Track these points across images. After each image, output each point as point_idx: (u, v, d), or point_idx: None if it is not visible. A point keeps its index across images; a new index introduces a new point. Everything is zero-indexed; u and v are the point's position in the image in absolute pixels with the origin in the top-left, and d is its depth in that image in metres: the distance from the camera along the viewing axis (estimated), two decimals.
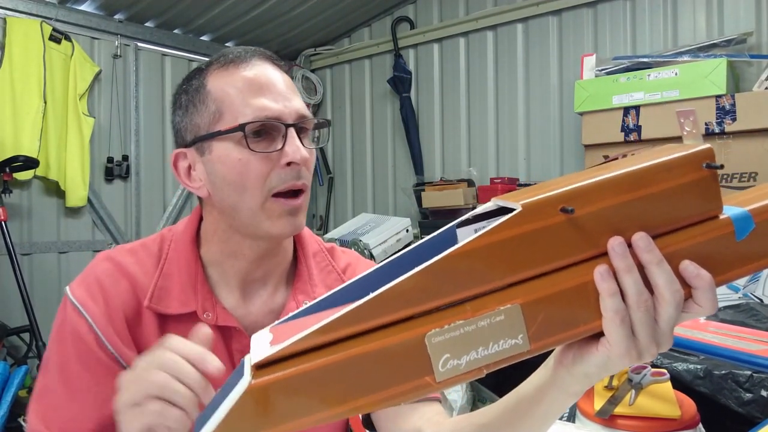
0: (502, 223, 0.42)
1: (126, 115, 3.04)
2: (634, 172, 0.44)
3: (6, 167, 2.46)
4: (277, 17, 3.24)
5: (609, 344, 0.45)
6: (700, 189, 0.45)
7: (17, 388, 2.22)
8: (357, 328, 0.41)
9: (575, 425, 1.04)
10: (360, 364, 0.41)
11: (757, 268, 0.47)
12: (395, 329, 0.42)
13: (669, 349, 0.46)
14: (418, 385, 0.42)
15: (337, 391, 0.41)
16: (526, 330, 0.43)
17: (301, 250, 0.84)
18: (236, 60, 0.73)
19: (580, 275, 0.44)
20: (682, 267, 0.44)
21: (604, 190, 0.44)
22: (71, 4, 2.83)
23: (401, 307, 0.42)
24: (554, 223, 0.43)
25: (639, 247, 0.44)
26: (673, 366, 1.37)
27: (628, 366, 0.47)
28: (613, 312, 0.43)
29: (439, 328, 0.41)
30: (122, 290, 0.73)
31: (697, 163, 0.45)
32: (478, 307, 0.42)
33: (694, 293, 0.45)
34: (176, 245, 0.77)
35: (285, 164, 0.70)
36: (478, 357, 0.42)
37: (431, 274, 0.42)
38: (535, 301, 0.43)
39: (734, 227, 0.46)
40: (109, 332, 0.70)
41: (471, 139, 3.14)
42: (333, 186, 3.76)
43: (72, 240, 2.88)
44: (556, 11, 2.80)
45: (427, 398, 0.82)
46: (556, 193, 0.43)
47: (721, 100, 2.01)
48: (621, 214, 0.44)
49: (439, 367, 0.41)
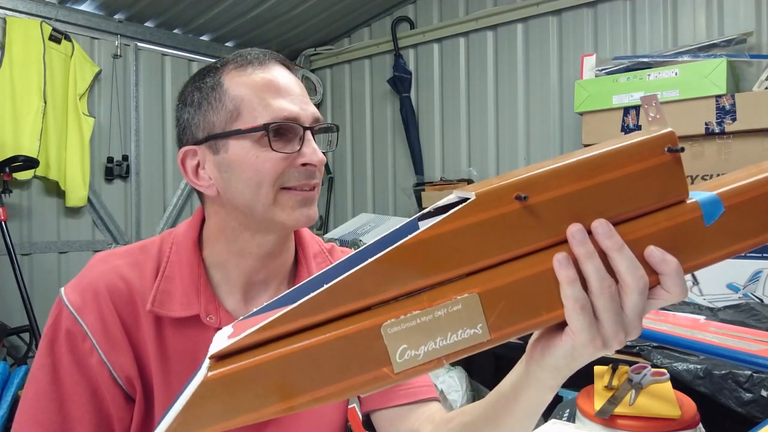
0: (456, 212, 0.42)
1: (126, 115, 3.04)
2: (592, 158, 0.44)
3: (6, 167, 2.46)
4: (277, 17, 3.24)
5: (572, 333, 0.44)
6: (663, 173, 0.44)
7: (17, 388, 2.22)
8: (313, 319, 0.41)
9: (575, 425, 1.04)
10: (316, 354, 0.40)
11: (729, 254, 0.45)
12: (351, 320, 0.41)
13: (637, 337, 0.45)
14: (376, 377, 0.41)
15: (294, 382, 0.40)
16: (486, 319, 0.42)
17: (302, 252, 0.84)
18: (254, 62, 0.74)
19: (540, 263, 0.43)
20: (647, 253, 0.43)
21: (562, 177, 0.43)
22: (71, 4, 2.83)
23: (357, 297, 0.41)
24: (509, 211, 0.42)
25: (599, 234, 0.43)
26: (673, 366, 1.37)
27: (596, 356, 0.46)
28: (573, 300, 0.43)
29: (395, 318, 0.41)
30: (118, 294, 0.72)
31: (659, 147, 0.44)
32: (435, 297, 0.42)
33: (661, 279, 0.44)
34: (178, 248, 0.77)
35: (300, 165, 0.72)
36: (436, 347, 0.41)
37: (387, 263, 0.41)
38: (493, 290, 0.42)
39: (702, 212, 0.44)
40: (102, 340, 0.70)
41: (471, 139, 3.14)
42: (333, 186, 3.76)
43: (72, 240, 2.88)
44: (556, 11, 2.80)
45: (425, 398, 0.82)
46: (511, 182, 0.43)
47: (721, 100, 2.01)
48: (580, 201, 0.43)
49: (396, 358, 0.41)
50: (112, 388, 0.71)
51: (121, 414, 0.72)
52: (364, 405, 0.85)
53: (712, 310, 1.79)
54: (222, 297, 0.77)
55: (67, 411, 0.69)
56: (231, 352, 0.40)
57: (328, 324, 0.41)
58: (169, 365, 0.72)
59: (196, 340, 0.73)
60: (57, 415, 0.69)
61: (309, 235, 0.88)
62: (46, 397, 0.69)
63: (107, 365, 0.70)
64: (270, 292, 0.80)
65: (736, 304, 1.79)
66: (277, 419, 0.78)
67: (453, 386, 2.09)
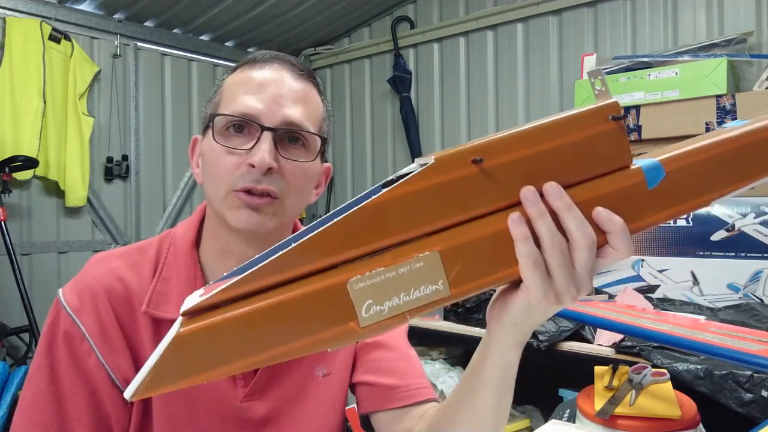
0: (417, 174, 0.45)
1: (126, 114, 3.03)
2: (544, 125, 0.47)
3: (5, 167, 2.46)
4: (277, 17, 3.24)
5: (527, 288, 0.47)
6: (608, 140, 0.47)
7: (17, 388, 2.21)
8: (282, 276, 0.43)
9: (575, 425, 1.03)
10: (284, 310, 0.42)
11: (671, 216, 0.49)
12: (319, 277, 0.43)
13: (588, 293, 0.48)
14: (343, 331, 0.43)
15: (264, 337, 0.42)
16: (446, 276, 0.44)
17: None
18: (253, 60, 0.75)
19: (496, 223, 0.46)
20: (594, 213, 0.46)
21: (516, 142, 0.46)
22: (71, 3, 2.83)
23: (324, 255, 0.43)
24: (466, 174, 0.45)
25: (549, 195, 0.46)
26: (674, 366, 1.37)
27: (550, 311, 0.49)
28: (527, 256, 0.45)
29: (361, 275, 0.43)
30: (116, 296, 0.72)
31: (603, 115, 0.47)
32: (398, 255, 0.44)
33: (609, 238, 0.47)
34: (175, 248, 0.77)
35: (249, 165, 0.69)
36: (400, 303, 0.44)
37: (351, 223, 0.44)
38: (452, 247, 0.45)
39: (645, 176, 0.48)
40: (100, 342, 0.70)
41: (471, 139, 3.13)
42: (333, 186, 3.76)
43: (72, 240, 2.88)
44: (556, 11, 2.80)
45: (422, 400, 0.82)
46: (468, 146, 0.46)
47: (722, 99, 2.01)
48: (532, 165, 0.46)
49: (362, 313, 0.43)
50: (110, 390, 0.71)
51: (120, 415, 0.72)
52: (361, 407, 0.85)
53: (712, 310, 1.79)
54: None
55: (66, 412, 0.69)
56: (202, 308, 0.42)
57: (297, 281, 0.43)
58: None
59: None
60: (56, 416, 0.69)
61: None
62: (45, 398, 0.69)
63: (105, 366, 0.70)
64: None
65: (736, 304, 1.79)
66: (275, 419, 0.78)
67: (453, 386, 2.09)
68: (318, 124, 0.75)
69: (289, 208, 0.73)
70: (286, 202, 0.72)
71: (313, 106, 0.75)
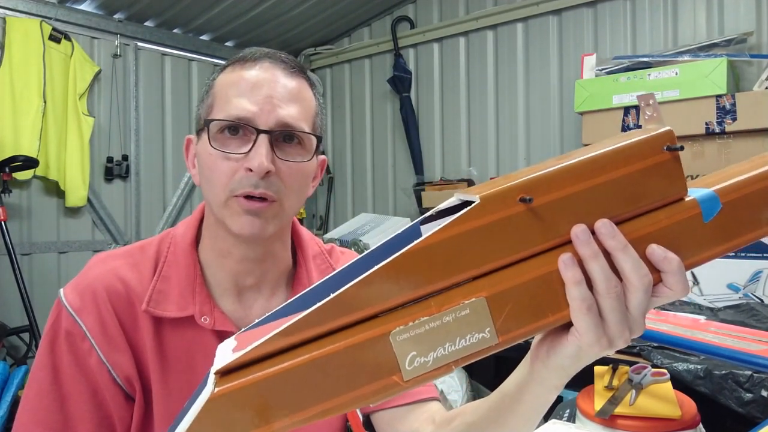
0: (461, 216, 0.42)
1: (126, 114, 3.03)
2: (593, 159, 0.44)
3: (6, 167, 2.46)
4: (277, 17, 3.24)
5: (578, 333, 0.44)
6: (663, 172, 0.45)
7: (17, 388, 2.21)
8: (320, 329, 0.40)
9: (575, 425, 1.03)
10: (325, 365, 0.40)
11: (727, 250, 0.46)
12: (359, 328, 0.41)
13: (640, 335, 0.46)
14: (386, 385, 0.41)
15: (304, 395, 0.39)
16: (493, 323, 0.42)
17: (301, 254, 0.84)
18: (244, 59, 0.74)
19: (545, 265, 0.43)
20: (649, 251, 0.44)
21: (564, 178, 0.43)
22: (71, 3, 2.83)
23: (364, 305, 0.41)
24: (514, 213, 0.42)
25: (602, 234, 0.43)
26: (674, 366, 1.37)
27: (601, 355, 0.46)
28: (580, 300, 0.43)
29: (404, 325, 0.41)
30: (117, 295, 0.72)
31: (658, 146, 0.45)
32: (443, 302, 0.41)
33: (663, 277, 0.44)
34: (175, 248, 0.77)
35: (247, 169, 0.69)
36: (445, 353, 0.41)
37: (392, 270, 0.41)
38: (500, 293, 0.42)
39: (701, 209, 0.45)
40: (102, 341, 0.70)
41: (471, 139, 3.14)
42: (333, 186, 3.76)
43: (72, 240, 2.88)
44: (556, 11, 2.80)
45: (424, 398, 0.82)
46: (515, 183, 0.43)
47: (722, 99, 2.01)
48: (583, 202, 0.43)
49: (406, 366, 0.41)
50: (112, 388, 0.71)
51: (122, 413, 0.72)
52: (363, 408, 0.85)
53: (712, 310, 1.79)
54: (217, 298, 0.77)
55: (69, 410, 0.69)
56: (236, 366, 0.40)
57: (335, 334, 0.41)
58: (167, 365, 0.73)
59: (192, 341, 0.73)
60: (58, 415, 0.69)
61: (308, 236, 0.87)
62: (48, 397, 0.69)
63: (106, 365, 0.70)
64: (264, 296, 0.79)
65: (736, 304, 1.78)
66: None
67: (453, 386, 2.09)
68: (312, 121, 0.75)
69: (288, 208, 0.74)
70: (285, 203, 0.72)
71: (307, 104, 0.75)
